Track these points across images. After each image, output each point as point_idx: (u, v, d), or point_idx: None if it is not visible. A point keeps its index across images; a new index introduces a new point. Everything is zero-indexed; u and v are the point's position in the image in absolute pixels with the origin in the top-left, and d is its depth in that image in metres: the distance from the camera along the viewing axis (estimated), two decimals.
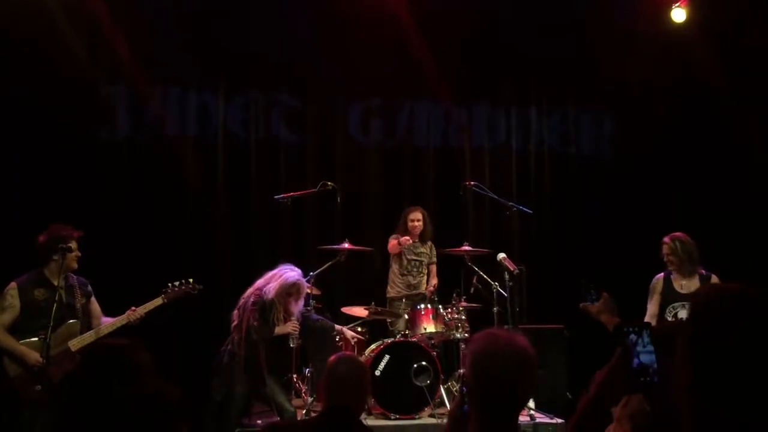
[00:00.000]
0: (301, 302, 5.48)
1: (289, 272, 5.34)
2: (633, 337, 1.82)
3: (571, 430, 1.99)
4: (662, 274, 5.39)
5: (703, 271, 5.31)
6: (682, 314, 5.17)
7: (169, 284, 5.01)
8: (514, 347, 2.01)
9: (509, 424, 2.04)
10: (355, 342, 5.99)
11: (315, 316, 5.85)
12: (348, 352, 5.34)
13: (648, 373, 1.79)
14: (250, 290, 5.29)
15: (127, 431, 1.63)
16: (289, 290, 5.30)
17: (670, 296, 5.27)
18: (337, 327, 5.95)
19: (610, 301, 2.41)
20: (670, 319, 5.14)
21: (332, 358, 2.98)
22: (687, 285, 5.27)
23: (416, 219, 6.88)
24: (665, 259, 5.35)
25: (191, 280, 5.10)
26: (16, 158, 6.61)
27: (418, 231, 6.87)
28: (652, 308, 5.36)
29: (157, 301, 4.92)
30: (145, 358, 1.76)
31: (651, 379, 1.78)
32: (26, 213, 6.12)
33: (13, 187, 6.53)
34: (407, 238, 6.77)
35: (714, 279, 5.27)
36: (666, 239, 5.36)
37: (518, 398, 2.05)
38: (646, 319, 5.29)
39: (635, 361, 1.79)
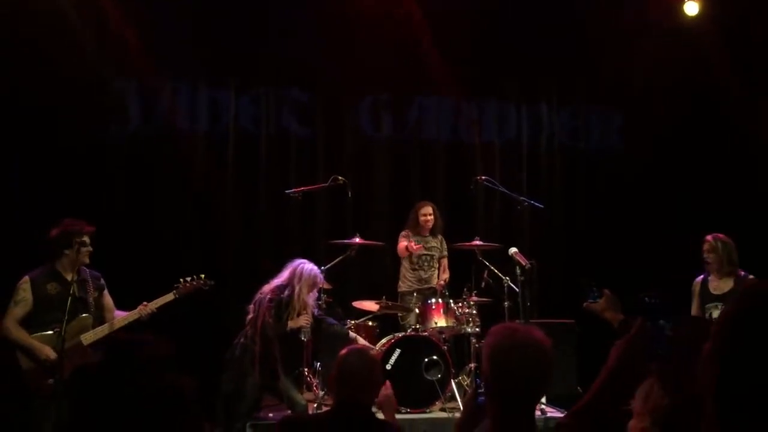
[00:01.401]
0: (315, 292, 5.52)
1: (307, 265, 5.38)
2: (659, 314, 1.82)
3: (589, 402, 1.96)
4: (701, 276, 5.44)
5: (742, 273, 5.32)
6: (716, 315, 5.16)
7: (181, 280, 5.00)
8: (531, 341, 2.02)
9: (527, 416, 2.04)
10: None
11: (330, 320, 5.83)
12: (359, 345, 5.34)
13: (667, 344, 1.79)
14: (267, 287, 5.28)
15: (141, 424, 1.63)
16: (315, 282, 5.37)
17: (705, 298, 5.32)
18: (351, 335, 5.90)
19: (612, 298, 2.39)
20: None
21: (343, 351, 2.97)
22: (720, 286, 5.30)
23: (428, 213, 6.87)
24: (704, 256, 5.37)
25: (203, 275, 5.09)
26: (25, 153, 6.64)
27: (429, 225, 6.87)
28: (693, 311, 5.41)
29: (169, 297, 4.91)
30: (161, 351, 1.76)
31: (668, 350, 1.78)
32: (35, 208, 6.15)
33: (22, 182, 6.56)
34: (418, 245, 6.76)
35: (750, 280, 5.21)
36: (708, 237, 5.41)
37: (535, 391, 2.06)
38: None
39: (662, 336, 1.79)
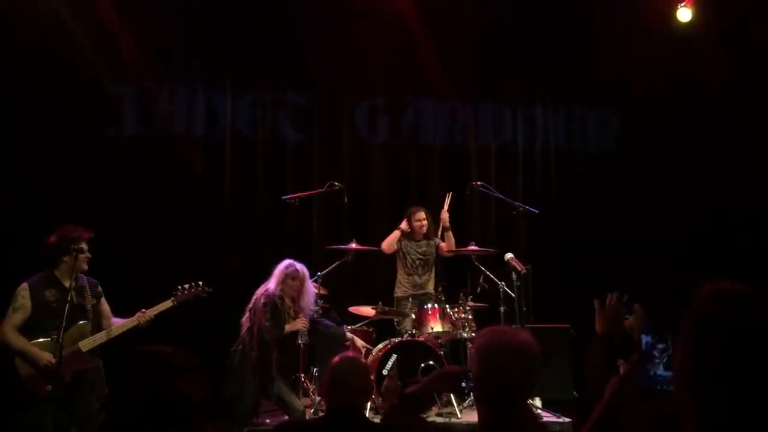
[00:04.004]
0: (309, 291, 5.51)
1: (282, 263, 5.43)
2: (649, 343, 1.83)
3: None
4: None
5: None
6: None
7: (179, 287, 5.02)
8: (518, 343, 2.09)
9: (514, 416, 2.09)
10: (365, 350, 6.00)
11: (326, 323, 5.85)
12: (350, 353, 5.35)
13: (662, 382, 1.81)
14: (258, 292, 5.33)
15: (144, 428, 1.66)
16: (286, 273, 5.35)
17: None
18: (348, 335, 5.94)
19: (643, 315, 2.34)
20: None
21: (335, 358, 3.00)
22: None
23: (422, 219, 6.86)
24: None
25: (201, 282, 5.10)
26: (22, 157, 6.65)
27: (424, 230, 6.87)
28: None
29: (167, 304, 4.93)
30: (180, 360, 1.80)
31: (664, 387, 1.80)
32: (33, 213, 6.16)
33: (19, 186, 6.57)
34: (404, 227, 6.79)
35: None
36: None
37: (522, 392, 2.13)
38: None
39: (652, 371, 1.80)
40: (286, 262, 5.45)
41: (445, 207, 6.95)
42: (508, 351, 2.07)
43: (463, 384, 2.31)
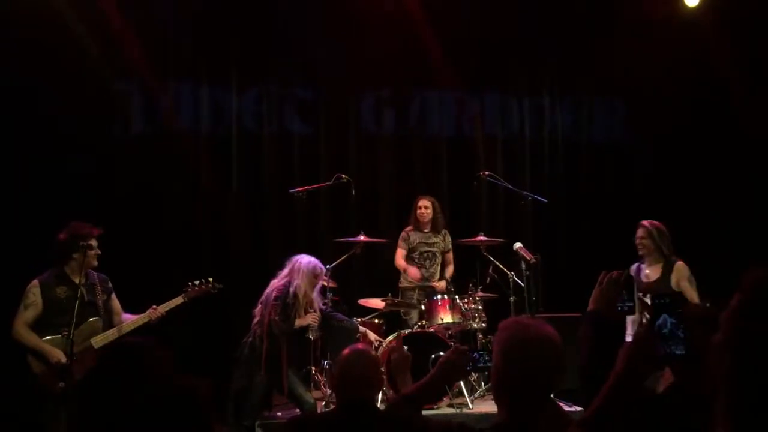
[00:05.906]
0: (320, 287, 5.51)
1: (304, 258, 5.38)
2: (666, 316, 1.81)
3: (598, 408, 1.94)
4: (636, 264, 5.38)
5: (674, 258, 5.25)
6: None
7: (190, 283, 5.03)
8: (542, 336, 2.06)
9: (536, 410, 2.06)
10: (378, 344, 5.99)
11: (340, 316, 5.83)
12: (360, 345, 5.33)
13: (673, 343, 1.79)
14: (272, 285, 5.32)
15: (152, 428, 1.65)
16: (314, 273, 5.34)
17: (639, 286, 5.18)
18: (361, 329, 5.91)
19: (646, 305, 2.34)
20: None
21: (344, 351, 2.98)
22: (650, 274, 5.25)
23: (424, 206, 6.83)
24: (637, 242, 5.31)
25: (211, 279, 5.12)
26: (29, 156, 6.65)
27: (426, 218, 6.84)
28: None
29: (178, 300, 4.95)
30: (164, 357, 1.78)
31: (676, 350, 1.78)
32: (40, 211, 6.17)
33: (26, 184, 6.58)
34: (417, 274, 6.74)
35: (678, 264, 5.19)
36: (644, 222, 5.31)
37: (546, 385, 2.08)
38: None
39: (664, 331, 1.78)
40: (312, 260, 5.37)
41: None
42: (532, 344, 2.03)
43: (468, 367, 2.31)
